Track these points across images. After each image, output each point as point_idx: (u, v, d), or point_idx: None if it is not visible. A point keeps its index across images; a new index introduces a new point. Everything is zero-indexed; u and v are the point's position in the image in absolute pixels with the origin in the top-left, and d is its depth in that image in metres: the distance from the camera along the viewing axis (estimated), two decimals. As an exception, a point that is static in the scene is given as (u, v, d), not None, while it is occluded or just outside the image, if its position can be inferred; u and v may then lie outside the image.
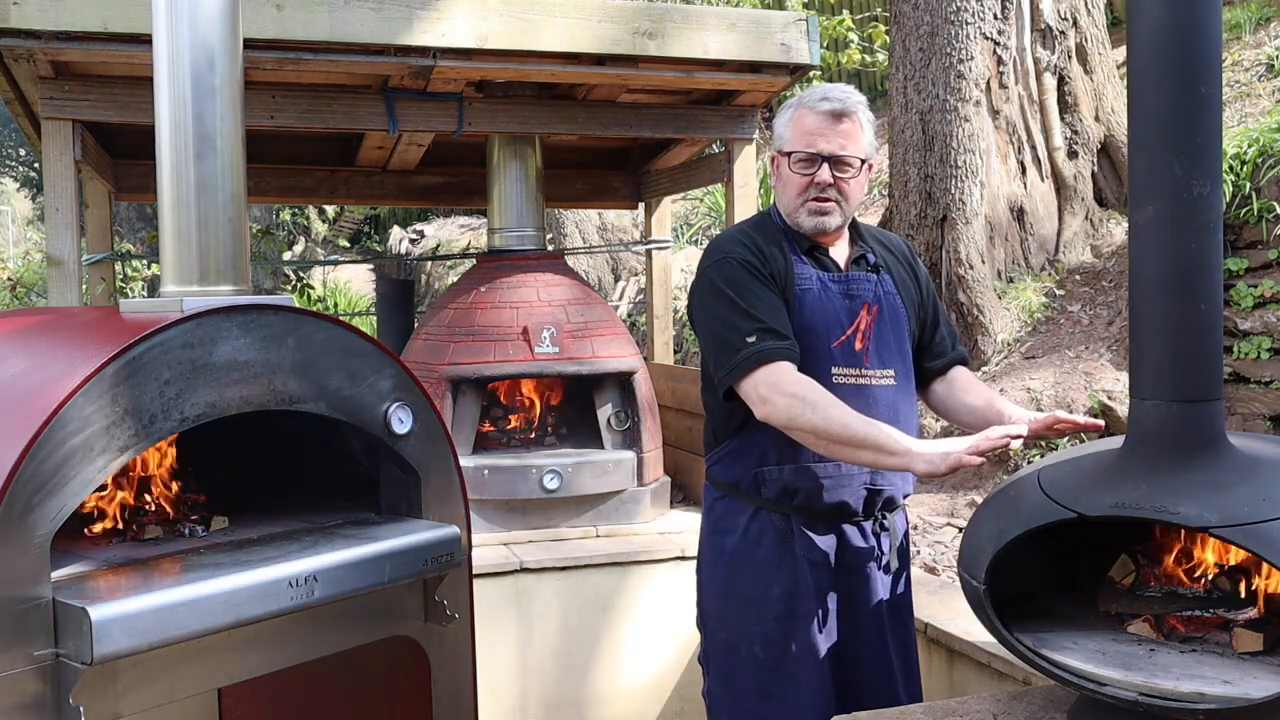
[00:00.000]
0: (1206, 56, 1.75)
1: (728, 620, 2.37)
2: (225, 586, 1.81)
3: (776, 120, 2.38)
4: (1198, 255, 1.77)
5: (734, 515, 2.37)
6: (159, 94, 2.05)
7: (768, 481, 2.31)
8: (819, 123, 2.27)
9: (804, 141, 2.29)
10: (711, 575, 2.41)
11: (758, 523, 2.33)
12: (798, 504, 2.31)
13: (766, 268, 2.27)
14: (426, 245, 12.04)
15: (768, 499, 2.32)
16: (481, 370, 3.87)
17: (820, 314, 2.28)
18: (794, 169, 2.30)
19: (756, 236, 2.34)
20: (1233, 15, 7.03)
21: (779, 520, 2.32)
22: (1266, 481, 1.71)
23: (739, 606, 2.34)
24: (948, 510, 4.77)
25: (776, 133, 2.37)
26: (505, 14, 3.46)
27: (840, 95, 2.29)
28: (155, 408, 1.82)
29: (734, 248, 2.31)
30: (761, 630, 2.31)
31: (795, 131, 2.31)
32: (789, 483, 2.29)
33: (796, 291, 2.28)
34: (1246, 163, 4.52)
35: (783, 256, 2.30)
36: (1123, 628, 1.93)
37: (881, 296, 2.35)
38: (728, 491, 2.39)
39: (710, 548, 2.43)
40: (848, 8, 10.19)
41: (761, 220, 2.43)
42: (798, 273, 2.30)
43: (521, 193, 4.19)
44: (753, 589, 2.32)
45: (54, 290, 3.35)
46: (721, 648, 2.38)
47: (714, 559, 2.40)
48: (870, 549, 2.36)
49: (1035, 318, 5.70)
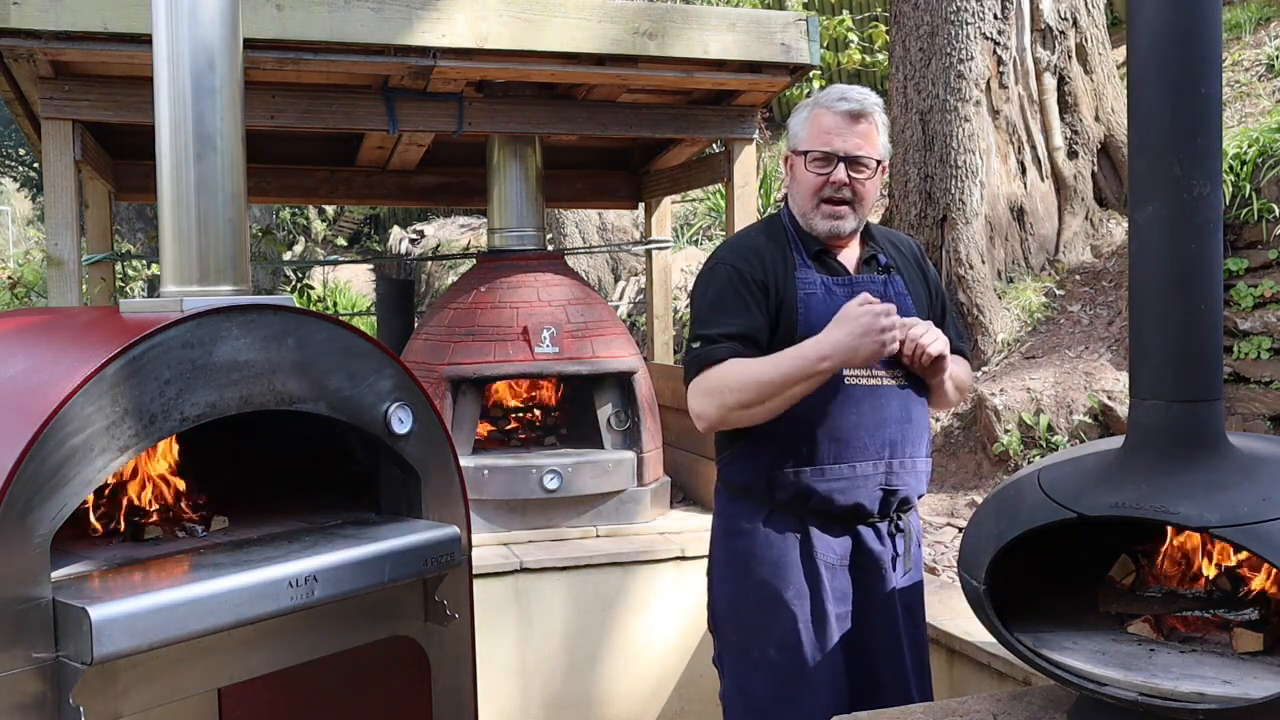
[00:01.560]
0: (1206, 56, 1.75)
1: (740, 623, 2.34)
2: (225, 586, 1.81)
3: (792, 119, 2.37)
4: (1198, 255, 1.77)
5: (747, 518, 2.34)
6: (159, 94, 2.05)
7: (780, 484, 2.28)
8: (836, 123, 2.27)
9: (820, 141, 2.28)
10: (723, 577, 2.39)
11: (771, 525, 2.31)
12: (812, 507, 2.28)
13: (758, 275, 2.26)
14: (426, 245, 12.04)
15: (781, 501, 2.30)
16: (481, 370, 3.87)
17: (824, 318, 2.23)
18: (810, 168, 2.29)
19: (761, 242, 2.34)
20: (1233, 15, 7.03)
21: (793, 523, 2.30)
22: (1266, 481, 1.71)
23: (752, 609, 2.32)
24: (948, 510, 4.77)
25: (792, 132, 2.36)
26: (505, 14, 3.46)
27: (859, 96, 2.29)
28: (155, 408, 1.82)
29: (728, 254, 2.32)
30: (775, 633, 2.29)
31: (812, 131, 2.29)
32: (803, 486, 2.27)
33: (800, 297, 2.27)
34: (1246, 163, 4.52)
35: (784, 262, 2.29)
36: (1123, 628, 1.93)
37: (891, 298, 2.33)
38: (740, 494, 2.37)
39: (722, 550, 2.40)
40: (848, 8, 10.19)
41: (770, 223, 2.42)
42: (800, 278, 2.29)
43: (521, 193, 4.19)
44: (766, 592, 2.30)
45: (54, 290, 3.35)
46: (734, 650, 2.36)
47: (725, 560, 2.38)
48: (885, 551, 2.34)
49: (1035, 318, 5.70)
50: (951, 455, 5.20)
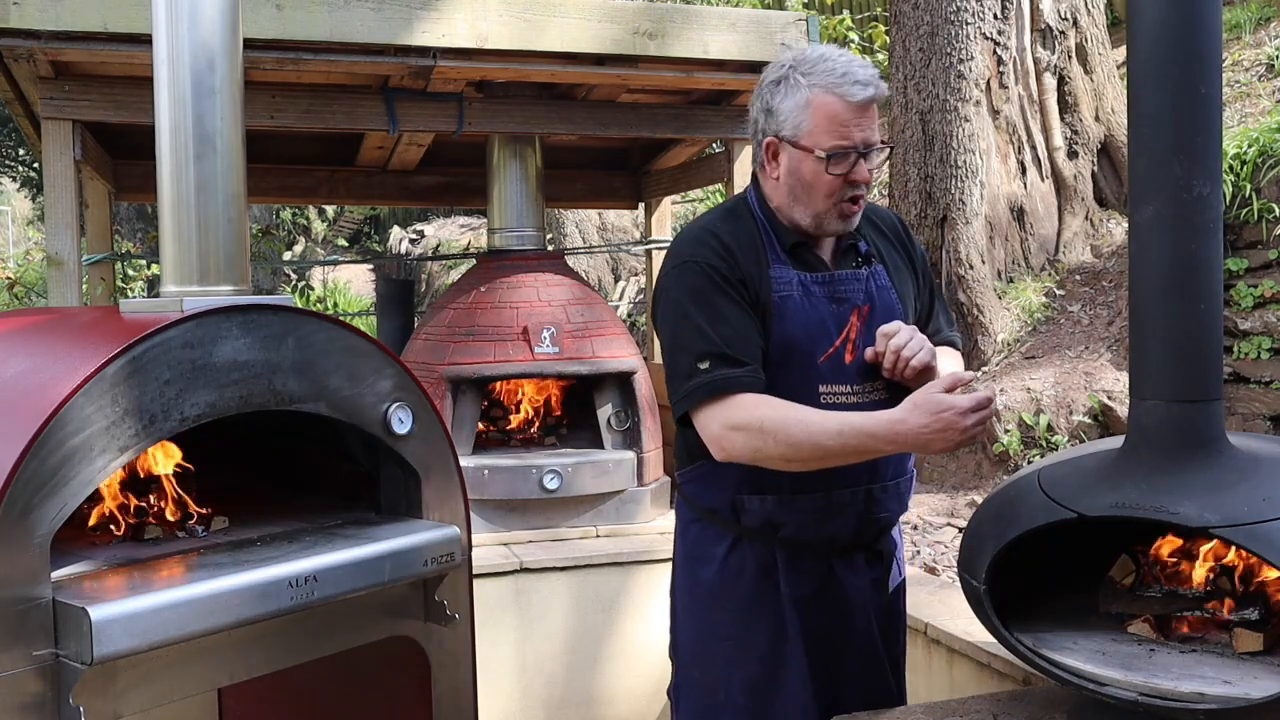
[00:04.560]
0: (1206, 56, 1.75)
1: (705, 661, 2.12)
2: (225, 586, 1.81)
3: (777, 98, 1.98)
4: (1198, 255, 1.77)
5: (710, 544, 2.10)
6: (159, 94, 2.05)
7: (747, 510, 2.03)
8: (851, 113, 1.93)
9: (838, 135, 1.93)
10: (688, 608, 2.16)
11: (737, 554, 2.07)
12: (783, 537, 2.04)
13: (735, 273, 1.95)
14: (426, 245, 12.04)
15: (748, 528, 2.05)
16: (481, 370, 3.87)
17: (803, 324, 1.97)
18: (830, 170, 1.94)
19: (726, 233, 2.00)
20: (1233, 15, 7.03)
21: (761, 552, 2.05)
22: (1266, 481, 1.71)
23: (718, 647, 2.09)
24: (948, 510, 4.77)
25: (785, 119, 1.96)
26: (505, 14, 3.46)
27: (868, 77, 1.93)
28: (155, 408, 1.81)
29: (698, 249, 1.98)
30: (744, 675, 2.07)
31: (819, 121, 1.93)
32: (772, 514, 2.02)
33: (775, 299, 1.97)
34: (1246, 163, 4.52)
35: (756, 257, 1.98)
36: (1123, 628, 1.93)
37: (874, 293, 2.04)
38: (703, 515, 2.11)
39: (686, 575, 2.16)
40: (848, 8, 10.19)
41: (734, 210, 2.07)
42: (775, 276, 1.98)
43: (521, 193, 4.19)
44: (733, 630, 2.07)
45: (54, 290, 3.35)
46: (697, 687, 2.13)
47: (689, 589, 2.15)
48: (862, 584, 2.10)
49: (1035, 318, 5.70)
50: (951, 455, 5.20)
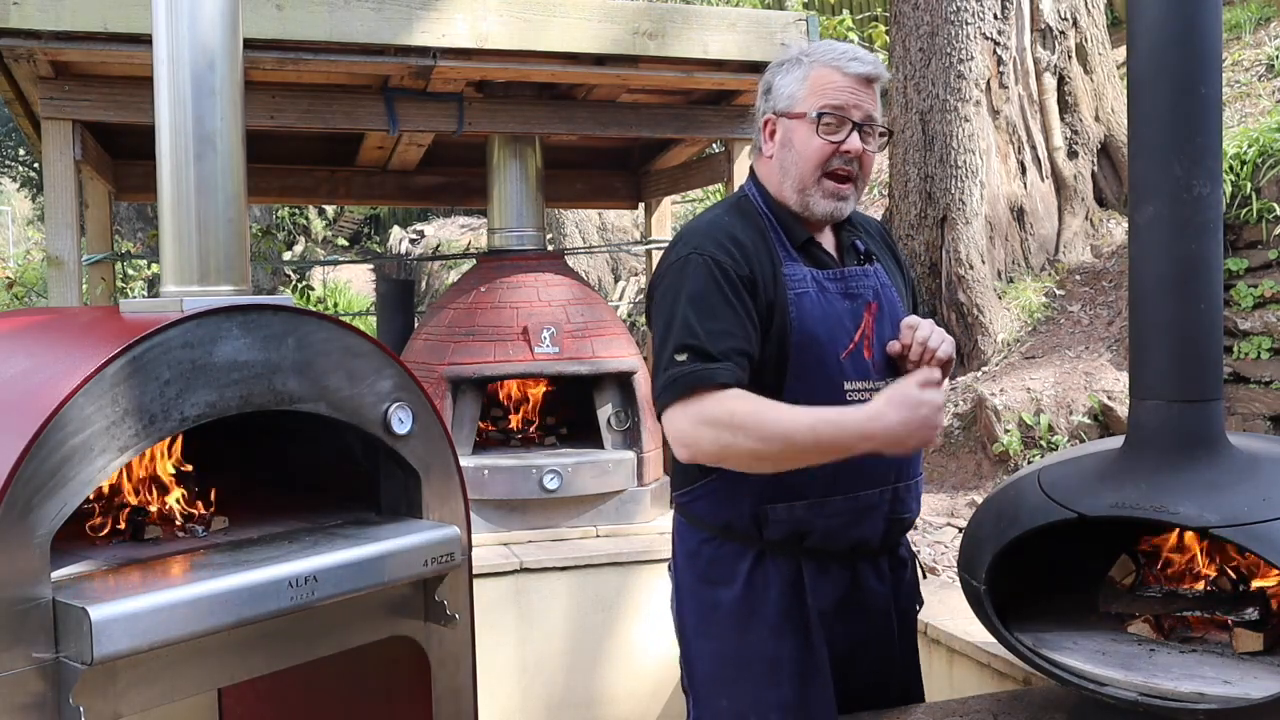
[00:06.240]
0: (1206, 56, 1.76)
1: (734, 687, 1.99)
2: (225, 586, 1.81)
3: (777, 78, 1.98)
4: (1198, 255, 1.77)
5: (729, 563, 1.98)
6: (159, 94, 2.05)
7: (772, 522, 1.93)
8: (849, 83, 1.92)
9: (831, 97, 1.91)
10: (705, 634, 2.02)
11: (761, 571, 1.96)
12: (809, 546, 1.95)
13: (743, 269, 1.88)
14: (426, 245, 12.04)
15: (771, 541, 1.95)
16: (481, 370, 3.87)
17: (823, 320, 1.91)
18: (820, 133, 1.90)
19: (739, 229, 1.94)
20: (1233, 15, 7.03)
21: (785, 565, 1.96)
22: (1266, 481, 1.71)
23: (749, 671, 1.98)
24: (948, 510, 4.77)
25: (778, 92, 1.97)
26: (505, 14, 3.46)
27: (870, 58, 1.95)
28: (155, 408, 1.81)
29: (705, 242, 1.91)
30: (778, 695, 1.96)
31: (814, 89, 1.92)
32: (800, 522, 1.93)
33: (790, 297, 1.90)
34: (1246, 163, 4.52)
35: (769, 256, 1.93)
36: (1123, 628, 1.93)
37: (879, 290, 2.01)
38: (718, 534, 2.00)
39: (699, 602, 2.03)
40: (848, 8, 10.19)
41: (739, 203, 2.03)
42: (788, 274, 1.92)
43: (521, 193, 4.19)
44: (765, 650, 1.96)
45: (54, 290, 3.35)
46: (724, 715, 2.01)
47: (706, 615, 2.02)
48: (884, 589, 2.04)
49: (1035, 318, 5.70)
50: (951, 455, 5.19)
